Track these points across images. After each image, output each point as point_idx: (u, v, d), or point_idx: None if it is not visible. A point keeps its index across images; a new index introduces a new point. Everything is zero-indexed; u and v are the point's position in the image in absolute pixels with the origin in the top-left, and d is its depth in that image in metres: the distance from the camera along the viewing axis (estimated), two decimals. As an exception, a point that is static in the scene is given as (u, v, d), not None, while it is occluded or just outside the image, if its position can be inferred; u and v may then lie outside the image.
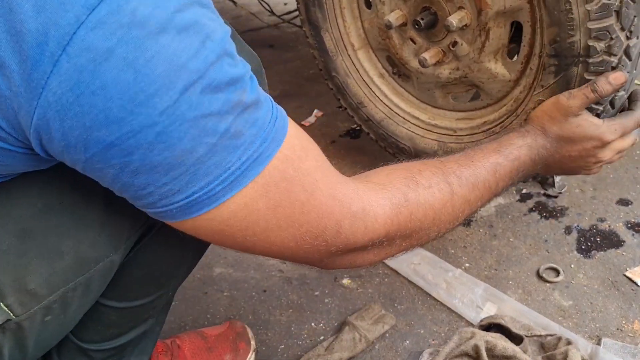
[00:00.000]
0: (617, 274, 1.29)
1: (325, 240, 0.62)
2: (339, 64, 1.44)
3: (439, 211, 0.73)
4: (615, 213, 1.49)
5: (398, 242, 0.71)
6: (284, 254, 0.64)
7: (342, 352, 1.11)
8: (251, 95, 0.54)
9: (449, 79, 1.28)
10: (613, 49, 0.91)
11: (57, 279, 0.63)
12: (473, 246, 1.41)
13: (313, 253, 0.64)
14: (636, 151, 1.75)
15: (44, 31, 0.44)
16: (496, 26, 1.12)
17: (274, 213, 0.58)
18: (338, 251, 0.65)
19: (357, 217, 0.63)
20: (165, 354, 1.04)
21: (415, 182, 0.71)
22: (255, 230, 0.59)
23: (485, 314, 1.19)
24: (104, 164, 0.50)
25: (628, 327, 1.15)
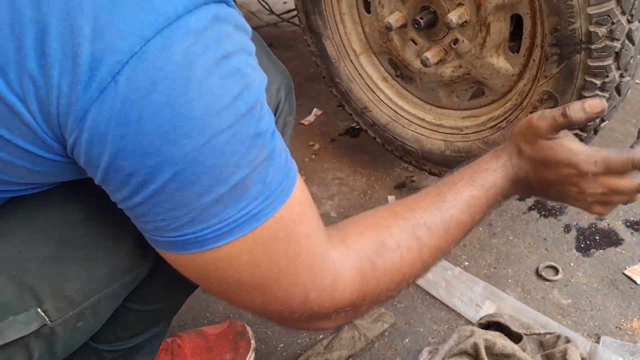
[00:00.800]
0: (616, 272, 1.29)
1: (290, 307, 0.62)
2: (342, 70, 1.44)
3: (408, 271, 0.71)
4: (614, 211, 1.48)
5: (364, 308, 0.70)
6: (249, 308, 0.65)
7: (342, 350, 1.11)
8: (268, 149, 0.54)
9: (452, 78, 1.28)
10: (615, 33, 0.90)
11: (92, 286, 0.65)
12: (472, 244, 1.42)
13: (277, 315, 0.64)
14: (635, 150, 1.75)
15: (99, 57, 0.44)
16: (496, 20, 1.12)
17: (251, 270, 0.58)
18: (301, 318, 0.65)
19: (326, 290, 0.63)
20: (166, 352, 1.04)
21: (385, 245, 0.69)
22: (228, 281, 0.59)
23: (484, 312, 1.19)
24: (118, 187, 0.52)
25: (627, 325, 1.16)
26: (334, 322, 0.69)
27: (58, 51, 0.44)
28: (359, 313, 0.71)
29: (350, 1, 1.40)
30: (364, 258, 0.67)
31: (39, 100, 0.46)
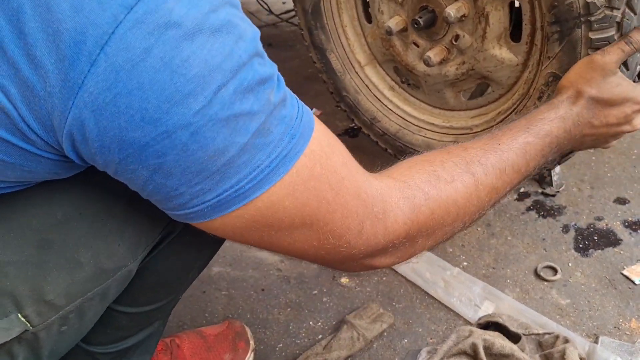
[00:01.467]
0: (615, 272, 1.29)
1: (348, 241, 0.62)
2: (348, 83, 1.43)
3: (463, 205, 0.70)
4: (613, 212, 1.49)
5: (421, 242, 0.69)
6: (307, 252, 0.63)
7: (341, 350, 1.11)
8: (279, 94, 0.54)
9: (456, 76, 1.27)
10: (614, 2, 0.88)
11: (75, 289, 0.63)
12: (471, 245, 1.42)
13: (335, 254, 0.63)
14: (633, 150, 1.76)
15: (82, 30, 0.44)
16: (494, 10, 1.11)
17: (300, 211, 0.58)
18: (360, 253, 0.64)
19: (378, 218, 0.63)
20: (165, 352, 1.04)
21: (437, 176, 0.68)
22: (280, 227, 0.58)
23: (483, 312, 1.19)
24: (138, 164, 0.50)
25: (625, 325, 1.16)
26: (392, 258, 0.68)
27: (37, 30, 0.44)
28: (416, 248, 0.69)
29: (351, 13, 1.40)
30: (414, 187, 0.66)
31: (19, 83, 0.45)
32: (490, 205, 0.75)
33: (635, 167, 1.67)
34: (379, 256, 0.67)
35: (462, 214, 0.71)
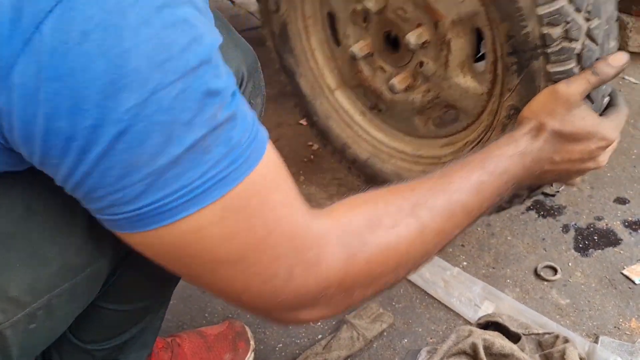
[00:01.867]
0: (615, 272, 1.29)
1: (275, 286, 0.56)
2: (319, 107, 1.37)
3: (405, 252, 0.64)
4: (613, 211, 1.49)
5: (358, 292, 0.62)
6: (229, 294, 0.58)
7: (340, 350, 1.11)
8: (228, 111, 0.49)
9: (423, 103, 1.21)
10: (572, 33, 0.82)
11: (41, 285, 0.60)
12: (471, 245, 1.42)
13: (260, 301, 0.57)
14: (633, 150, 1.76)
15: (19, 7, 0.40)
16: (456, 37, 1.05)
17: (226, 243, 0.52)
18: (287, 302, 0.58)
19: (310, 265, 0.56)
20: (166, 350, 1.04)
21: (378, 221, 0.62)
22: (203, 259, 0.53)
23: (483, 312, 1.19)
24: (60, 158, 0.46)
25: (625, 325, 1.16)
26: (325, 310, 0.61)
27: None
28: (353, 299, 0.63)
29: (319, 36, 1.36)
30: (352, 233, 0.60)
31: None
32: (438, 249, 0.70)
33: (635, 167, 1.67)
34: (310, 307, 0.60)
35: (405, 261, 0.65)
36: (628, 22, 2.42)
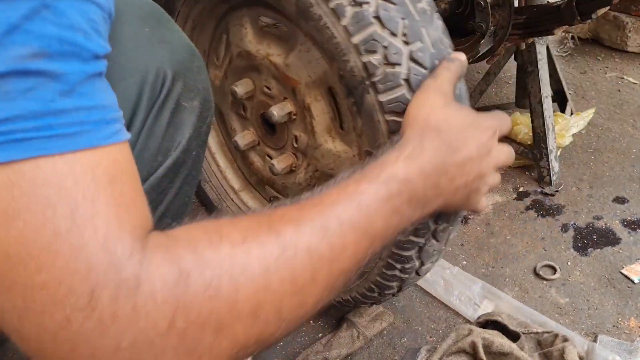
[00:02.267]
0: (614, 271, 1.30)
1: (65, 309, 0.39)
2: (225, 212, 1.33)
3: (262, 275, 0.46)
4: (612, 211, 1.50)
5: (189, 338, 0.42)
6: (10, 331, 0.41)
7: (340, 349, 1.12)
8: (43, 79, 0.39)
9: (307, 181, 1.12)
10: (392, 58, 0.77)
11: None
12: (470, 244, 1.42)
13: (42, 329, 0.39)
14: (632, 149, 1.76)
15: None
16: (314, 100, 0.98)
17: (5, 226, 0.38)
18: (95, 350, 0.40)
19: (123, 288, 0.40)
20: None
21: (220, 235, 0.46)
22: None
23: (482, 311, 1.20)
24: None
25: (624, 324, 1.16)
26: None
27: None
28: (203, 350, 0.43)
29: (218, 139, 1.33)
30: (187, 248, 0.44)
31: None
32: (326, 282, 0.51)
33: (634, 166, 1.68)
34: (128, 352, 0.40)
35: (263, 288, 0.46)
36: (627, 22, 2.43)
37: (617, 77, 2.28)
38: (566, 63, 2.44)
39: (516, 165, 1.71)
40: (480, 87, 1.80)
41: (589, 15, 1.17)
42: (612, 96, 2.13)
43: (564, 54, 2.52)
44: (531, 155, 1.62)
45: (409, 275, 0.96)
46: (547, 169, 1.59)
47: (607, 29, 2.52)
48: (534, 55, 1.55)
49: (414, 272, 0.96)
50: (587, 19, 1.18)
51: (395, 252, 0.90)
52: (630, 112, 2.00)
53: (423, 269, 0.97)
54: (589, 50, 2.54)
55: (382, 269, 0.95)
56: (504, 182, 1.65)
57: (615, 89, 2.18)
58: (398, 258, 0.91)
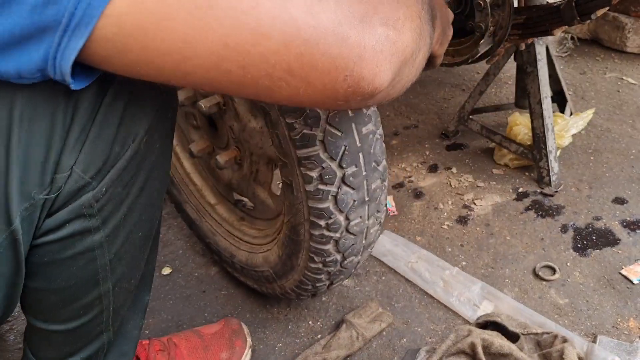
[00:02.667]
0: (613, 272, 1.30)
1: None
2: (205, 228, 1.37)
3: None
4: (611, 211, 1.49)
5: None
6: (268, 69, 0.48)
7: (340, 350, 1.12)
8: None
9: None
10: (325, 178, 0.87)
11: None
12: (470, 244, 1.42)
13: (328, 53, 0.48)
14: (631, 150, 1.76)
15: None
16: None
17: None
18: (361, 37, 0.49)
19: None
20: (163, 352, 1.04)
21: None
22: (175, 30, 0.44)
23: (482, 312, 1.19)
24: None
25: (623, 325, 1.16)
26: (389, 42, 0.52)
27: None
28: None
29: (191, 161, 1.38)
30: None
31: None
32: None
33: (634, 167, 1.68)
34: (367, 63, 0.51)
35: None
36: (626, 23, 2.43)
37: (617, 77, 2.28)
38: (566, 64, 2.44)
39: (516, 165, 1.71)
40: (480, 87, 1.80)
41: (589, 15, 1.17)
42: (612, 97, 2.13)
43: (564, 55, 2.51)
44: (531, 155, 1.62)
45: (334, 268, 1.02)
46: (546, 170, 1.59)
47: (606, 29, 2.52)
48: (534, 55, 1.55)
49: (337, 265, 1.01)
50: (587, 20, 1.18)
51: (313, 246, 0.96)
52: (630, 113, 1.99)
53: (347, 262, 1.02)
54: (589, 51, 2.54)
55: (307, 262, 1.00)
56: (504, 183, 1.65)
57: (615, 90, 2.18)
58: (317, 251, 0.97)
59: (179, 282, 1.38)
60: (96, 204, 0.61)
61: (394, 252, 1.39)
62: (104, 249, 0.67)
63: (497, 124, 1.97)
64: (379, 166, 0.92)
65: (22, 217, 0.56)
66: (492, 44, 1.28)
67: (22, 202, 0.56)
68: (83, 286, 0.70)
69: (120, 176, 0.63)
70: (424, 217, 1.53)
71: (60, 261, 0.65)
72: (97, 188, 0.60)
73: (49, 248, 0.63)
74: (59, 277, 0.67)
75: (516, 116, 1.73)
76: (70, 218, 0.60)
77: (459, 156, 1.81)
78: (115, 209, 0.65)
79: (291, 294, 1.13)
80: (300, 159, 0.85)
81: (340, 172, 0.87)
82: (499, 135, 1.70)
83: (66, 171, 0.57)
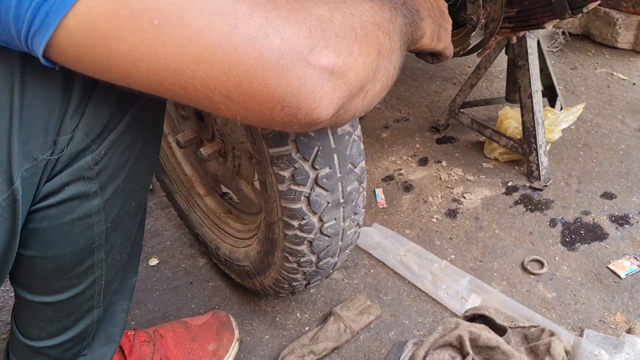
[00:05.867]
0: (601, 266, 1.30)
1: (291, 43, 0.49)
2: (194, 219, 1.37)
3: None
4: (600, 206, 1.50)
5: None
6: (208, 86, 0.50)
7: (327, 342, 1.11)
8: None
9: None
10: (298, 178, 0.86)
11: None
12: (459, 238, 1.42)
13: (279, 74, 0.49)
14: (620, 145, 1.77)
15: None
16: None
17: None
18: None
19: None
20: (148, 343, 1.03)
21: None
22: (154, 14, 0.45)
23: (470, 305, 1.19)
24: None
25: (610, 319, 1.16)
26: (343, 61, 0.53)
27: None
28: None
29: (183, 151, 1.37)
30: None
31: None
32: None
33: (623, 162, 1.68)
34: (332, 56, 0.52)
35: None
36: (617, 19, 2.43)
37: (607, 73, 2.29)
38: (557, 58, 2.44)
39: (505, 159, 1.71)
40: (471, 80, 1.80)
41: (580, 9, 1.16)
42: (602, 92, 2.13)
43: (555, 50, 2.52)
44: (520, 149, 1.62)
45: (309, 268, 1.01)
46: (536, 164, 1.59)
47: (597, 25, 2.52)
48: (525, 49, 1.55)
49: (313, 265, 1.01)
50: (578, 13, 1.18)
51: (287, 246, 0.95)
52: (620, 108, 2.00)
53: (323, 263, 1.01)
54: (580, 46, 2.54)
55: (282, 261, 1.00)
56: (493, 177, 1.65)
57: (605, 85, 2.19)
58: (291, 251, 0.96)
59: (166, 274, 1.37)
60: (95, 167, 0.63)
61: (383, 244, 1.39)
62: (101, 216, 0.68)
63: (488, 117, 1.97)
64: (355, 168, 0.90)
65: (23, 178, 0.57)
66: (484, 36, 1.27)
67: (24, 163, 0.57)
68: (79, 254, 0.71)
69: (119, 140, 0.64)
70: (413, 210, 1.53)
71: (58, 226, 0.65)
72: (97, 151, 0.62)
73: (48, 212, 0.64)
74: (56, 244, 0.68)
75: (507, 110, 1.72)
76: (70, 180, 0.62)
77: (449, 150, 1.81)
78: (115, 174, 0.66)
79: (270, 291, 1.13)
80: (272, 157, 0.84)
81: (313, 173, 0.85)
82: (489, 129, 1.70)
83: (69, 133, 0.59)
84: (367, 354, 1.12)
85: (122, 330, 0.94)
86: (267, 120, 0.53)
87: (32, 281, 0.72)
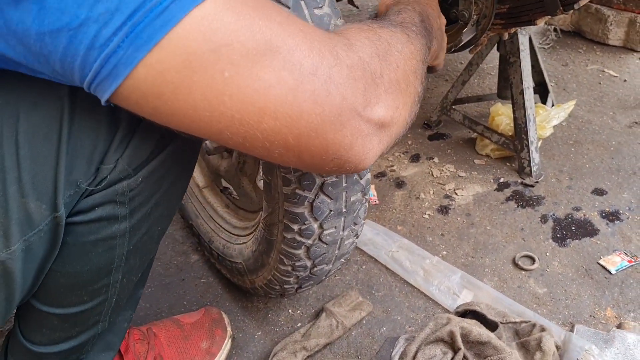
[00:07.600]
0: (591, 262, 1.31)
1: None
2: (190, 209, 1.37)
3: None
4: (591, 202, 1.51)
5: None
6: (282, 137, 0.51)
7: (319, 338, 1.11)
8: None
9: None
10: (303, 183, 0.86)
11: None
12: (451, 234, 1.42)
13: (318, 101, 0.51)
14: (611, 141, 1.78)
15: None
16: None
17: (251, 31, 0.47)
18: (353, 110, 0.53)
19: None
20: (142, 342, 1.03)
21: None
22: (226, 62, 0.46)
23: (461, 301, 1.20)
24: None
25: (601, 314, 1.17)
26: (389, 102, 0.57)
27: None
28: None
29: None
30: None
31: None
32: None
33: (614, 158, 1.69)
34: (375, 99, 0.55)
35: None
36: (609, 16, 2.44)
37: (598, 69, 2.30)
38: (548, 55, 2.45)
39: (497, 156, 1.72)
40: (463, 77, 1.80)
41: (572, 5, 1.16)
42: (593, 89, 2.14)
43: (546, 46, 2.52)
44: (512, 146, 1.62)
45: (303, 273, 1.01)
46: (527, 160, 1.60)
47: (589, 22, 2.53)
48: (517, 45, 1.55)
49: (307, 271, 1.01)
50: (570, 10, 1.18)
51: (284, 248, 0.96)
52: (611, 105, 2.01)
53: (317, 270, 1.02)
54: (571, 43, 2.55)
55: (277, 263, 1.00)
56: (485, 173, 1.65)
57: (596, 82, 2.20)
58: (287, 254, 0.97)
59: (158, 270, 1.36)
60: (129, 193, 0.64)
61: (375, 241, 1.39)
62: (125, 239, 0.68)
63: (480, 114, 1.98)
64: (361, 180, 0.90)
65: (65, 203, 0.59)
66: (476, 32, 1.27)
67: (68, 190, 0.58)
68: (96, 273, 0.72)
69: (156, 170, 0.66)
70: (405, 207, 1.53)
71: (81, 244, 0.66)
72: (134, 177, 0.63)
73: (73, 229, 0.64)
74: (75, 260, 0.68)
75: (498, 107, 1.73)
76: (102, 202, 0.62)
77: (441, 146, 1.81)
78: (145, 201, 0.67)
79: (260, 291, 1.13)
80: None
81: (319, 179, 0.85)
82: (481, 125, 1.70)
83: (112, 163, 0.60)
84: (359, 350, 1.12)
85: (122, 339, 0.94)
86: (316, 169, 0.57)
87: (43, 292, 0.71)
